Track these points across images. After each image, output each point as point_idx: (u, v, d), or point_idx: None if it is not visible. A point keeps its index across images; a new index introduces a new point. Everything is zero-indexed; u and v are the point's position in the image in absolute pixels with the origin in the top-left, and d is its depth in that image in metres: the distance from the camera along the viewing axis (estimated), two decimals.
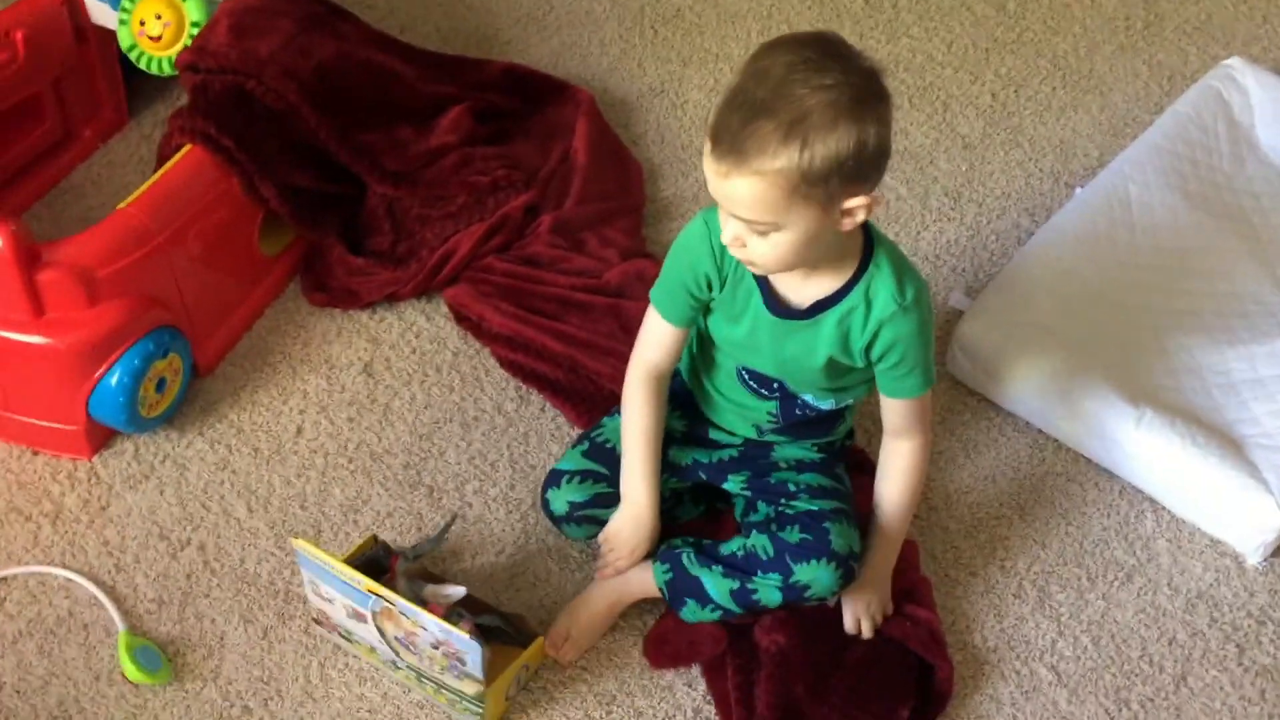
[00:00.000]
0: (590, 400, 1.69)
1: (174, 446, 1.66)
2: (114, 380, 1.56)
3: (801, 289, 1.35)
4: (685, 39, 2.31)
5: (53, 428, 1.60)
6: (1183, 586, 1.63)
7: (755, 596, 1.43)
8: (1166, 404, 1.71)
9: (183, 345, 1.64)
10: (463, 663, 1.33)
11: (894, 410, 1.41)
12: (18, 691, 1.44)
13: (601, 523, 1.52)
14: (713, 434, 1.54)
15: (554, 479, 1.51)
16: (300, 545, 1.36)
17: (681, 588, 1.46)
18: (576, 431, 1.70)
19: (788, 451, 1.52)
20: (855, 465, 1.60)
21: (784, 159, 1.17)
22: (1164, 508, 1.70)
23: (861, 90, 1.19)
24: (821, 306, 1.34)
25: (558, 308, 1.75)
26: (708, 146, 1.22)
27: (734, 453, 1.53)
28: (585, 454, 1.51)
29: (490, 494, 1.65)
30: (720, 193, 1.24)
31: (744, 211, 1.23)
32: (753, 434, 1.52)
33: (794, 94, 1.17)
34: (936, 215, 2.06)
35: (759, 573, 1.42)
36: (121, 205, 1.59)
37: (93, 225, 1.58)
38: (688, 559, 1.46)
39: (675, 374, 1.52)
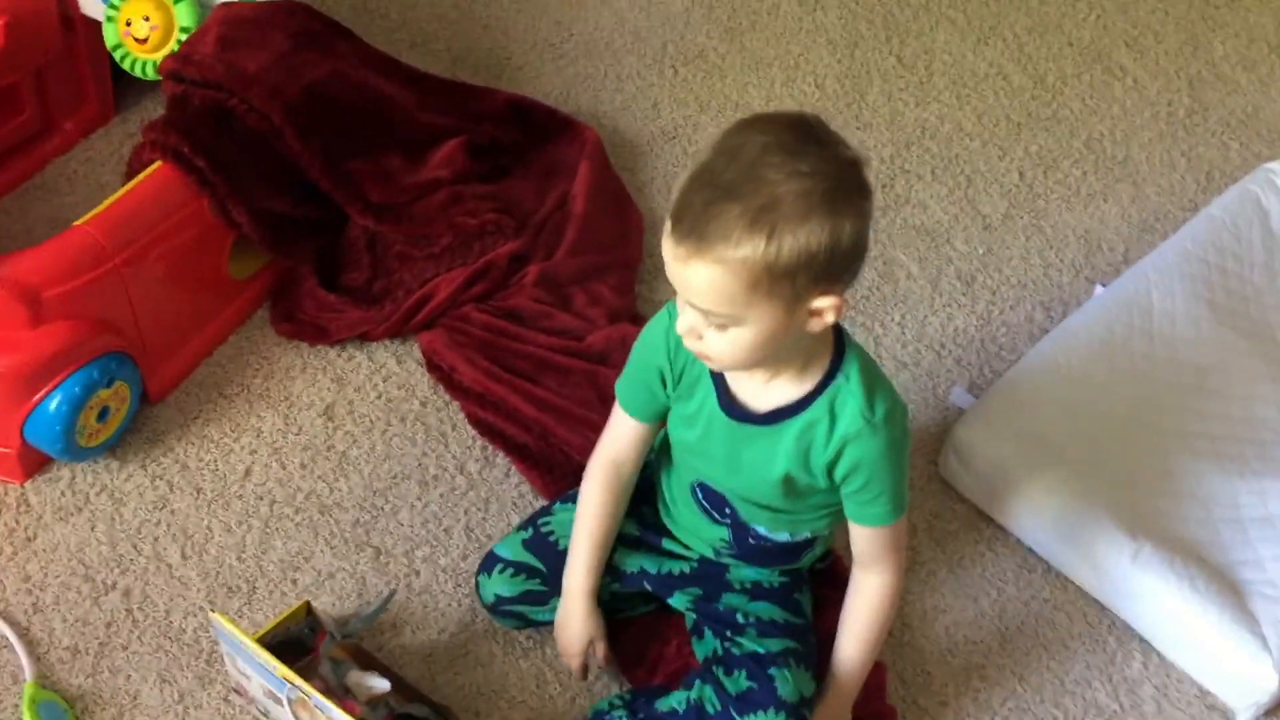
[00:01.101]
0: (559, 470, 1.60)
1: (113, 478, 1.57)
2: (52, 406, 1.46)
3: (761, 393, 1.24)
4: (705, 82, 2.21)
5: None
6: None
7: None
8: (1167, 534, 1.61)
9: (131, 373, 1.54)
10: None
11: (861, 537, 1.31)
12: None
13: (529, 620, 1.44)
14: (666, 544, 1.44)
15: (489, 563, 1.42)
16: (218, 620, 1.26)
17: None
18: (539, 502, 1.61)
19: (744, 574, 1.41)
20: (832, 581, 1.49)
21: (748, 248, 1.07)
22: (1155, 649, 1.59)
23: (840, 182, 1.09)
24: (782, 415, 1.24)
25: (534, 368, 1.65)
26: (668, 226, 1.11)
27: (685, 568, 1.43)
28: (525, 543, 1.42)
29: (440, 563, 1.55)
30: (678, 278, 1.13)
31: (701, 301, 1.13)
32: (709, 554, 1.42)
33: (765, 178, 1.07)
34: (947, 300, 1.96)
35: None
36: (79, 221, 1.49)
37: (46, 240, 1.48)
38: None
39: (645, 464, 1.42)
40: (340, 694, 1.30)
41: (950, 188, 2.12)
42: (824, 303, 1.13)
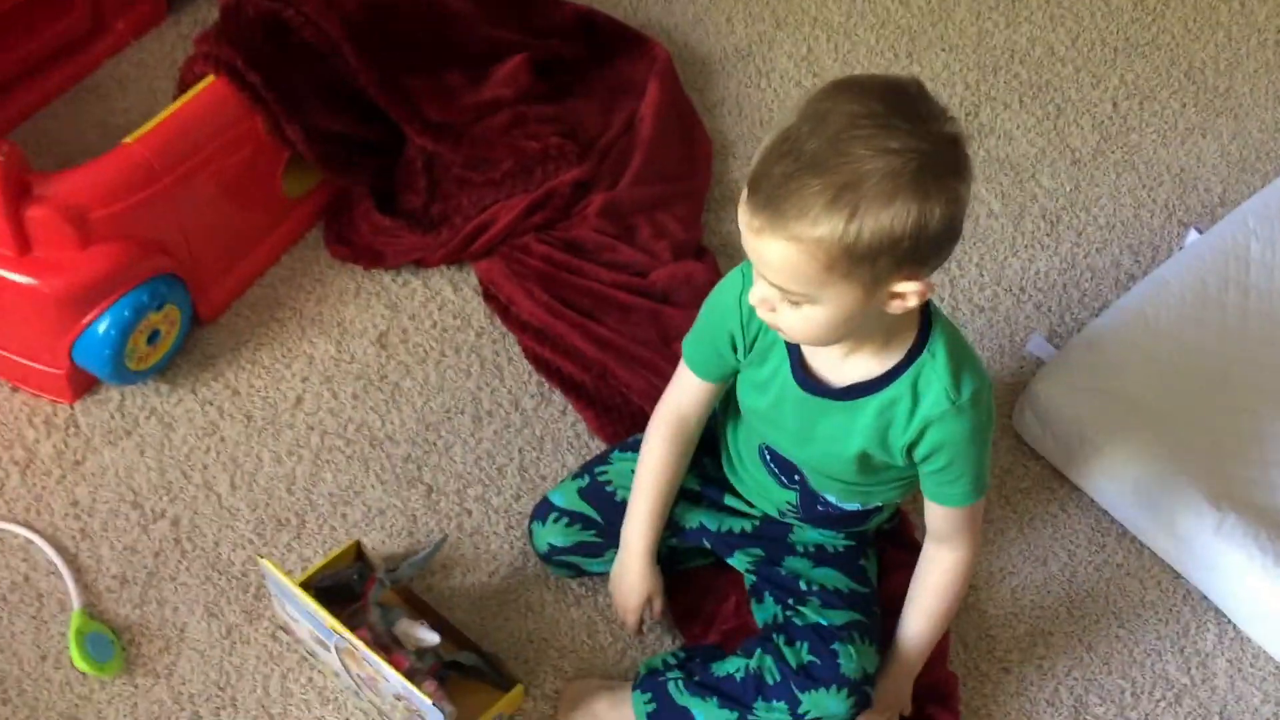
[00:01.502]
0: (617, 412, 1.54)
1: (162, 401, 1.53)
2: (101, 329, 1.42)
3: (839, 367, 1.17)
4: None
5: (35, 368, 1.48)
6: (1236, 718, 1.47)
7: None
8: (1252, 503, 1.53)
9: (182, 295, 1.50)
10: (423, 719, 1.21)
11: (937, 515, 1.24)
12: None
13: (582, 570, 1.40)
14: (729, 500, 1.38)
15: (542, 510, 1.38)
16: (267, 566, 1.23)
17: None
18: (596, 443, 1.55)
19: (809, 535, 1.36)
20: (898, 541, 1.44)
21: (826, 227, 0.99)
22: (1230, 622, 1.53)
23: (933, 161, 0.99)
24: (860, 391, 1.17)
25: (595, 304, 1.59)
26: (745, 192, 1.04)
27: (747, 526, 1.37)
28: (581, 492, 1.37)
29: (493, 503, 1.51)
30: (752, 250, 1.06)
31: (774, 277, 1.05)
32: (773, 513, 1.36)
33: (851, 153, 0.98)
34: (1029, 240, 1.86)
35: (762, 699, 1.27)
36: (128, 139, 1.43)
37: (94, 158, 1.42)
38: (675, 688, 1.30)
39: (711, 417, 1.36)
40: (388, 642, 1.28)
41: (1039, 118, 2.01)
42: (907, 287, 1.05)
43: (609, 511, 1.36)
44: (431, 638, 1.26)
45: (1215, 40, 2.14)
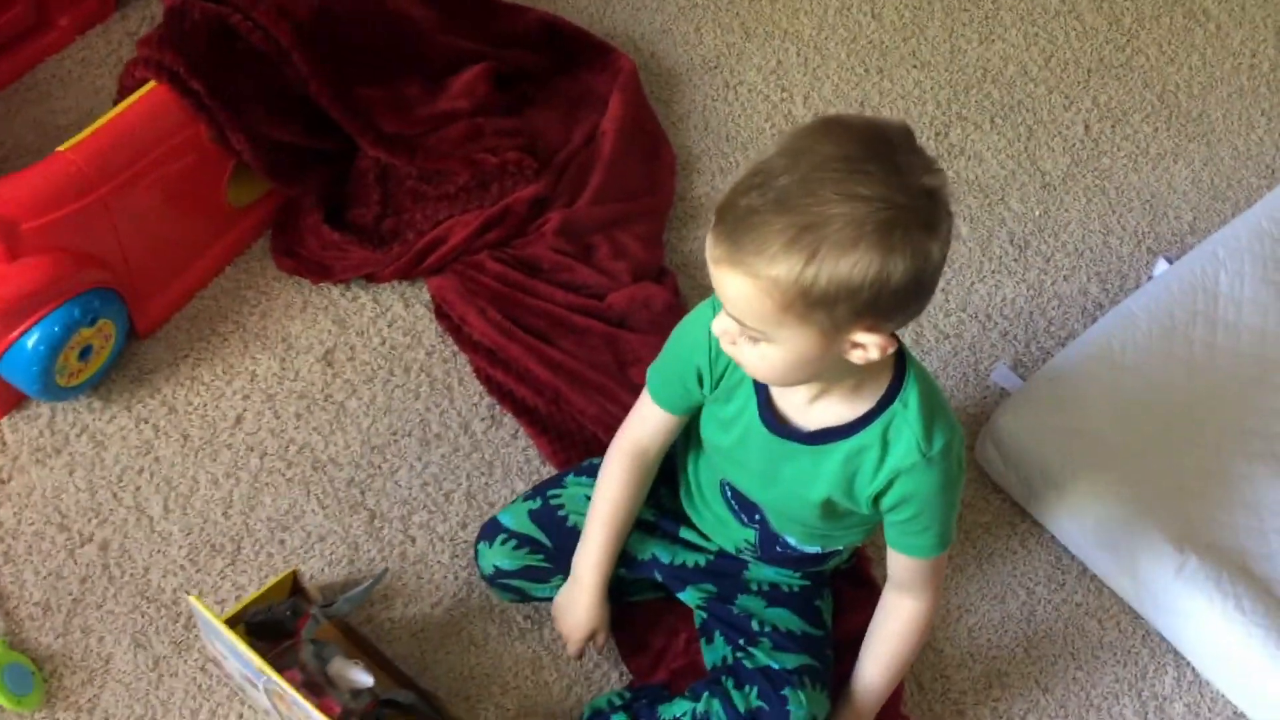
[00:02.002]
0: (570, 438, 1.49)
1: (95, 418, 1.48)
2: (29, 344, 1.36)
3: (806, 410, 1.13)
4: (753, 6, 2.04)
5: None
6: None
7: None
8: (1215, 544, 1.51)
9: (117, 309, 1.44)
10: None
11: (900, 564, 1.21)
12: None
13: (527, 595, 1.36)
14: (684, 533, 1.34)
15: (490, 531, 1.33)
16: (195, 605, 1.18)
17: None
18: (548, 469, 1.51)
19: (764, 573, 1.32)
20: (855, 580, 1.40)
21: (783, 267, 0.95)
22: (1189, 665, 1.50)
23: (904, 214, 0.95)
24: (828, 436, 1.13)
25: (549, 326, 1.54)
26: (713, 220, 1.00)
27: (701, 560, 1.33)
28: (532, 514, 1.32)
29: (438, 530, 1.46)
30: (713, 279, 1.02)
31: (731, 309, 1.02)
32: (730, 549, 1.32)
33: (818, 194, 0.94)
34: (997, 265, 1.82)
35: None
36: (63, 147, 1.37)
37: (26, 168, 1.36)
38: None
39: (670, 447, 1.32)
40: (321, 682, 1.23)
41: (1010, 139, 1.97)
42: (867, 339, 1.01)
43: (559, 536, 1.31)
44: (365, 680, 1.21)
45: (1190, 64, 2.11)
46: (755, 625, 1.28)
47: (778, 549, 1.27)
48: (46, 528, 1.39)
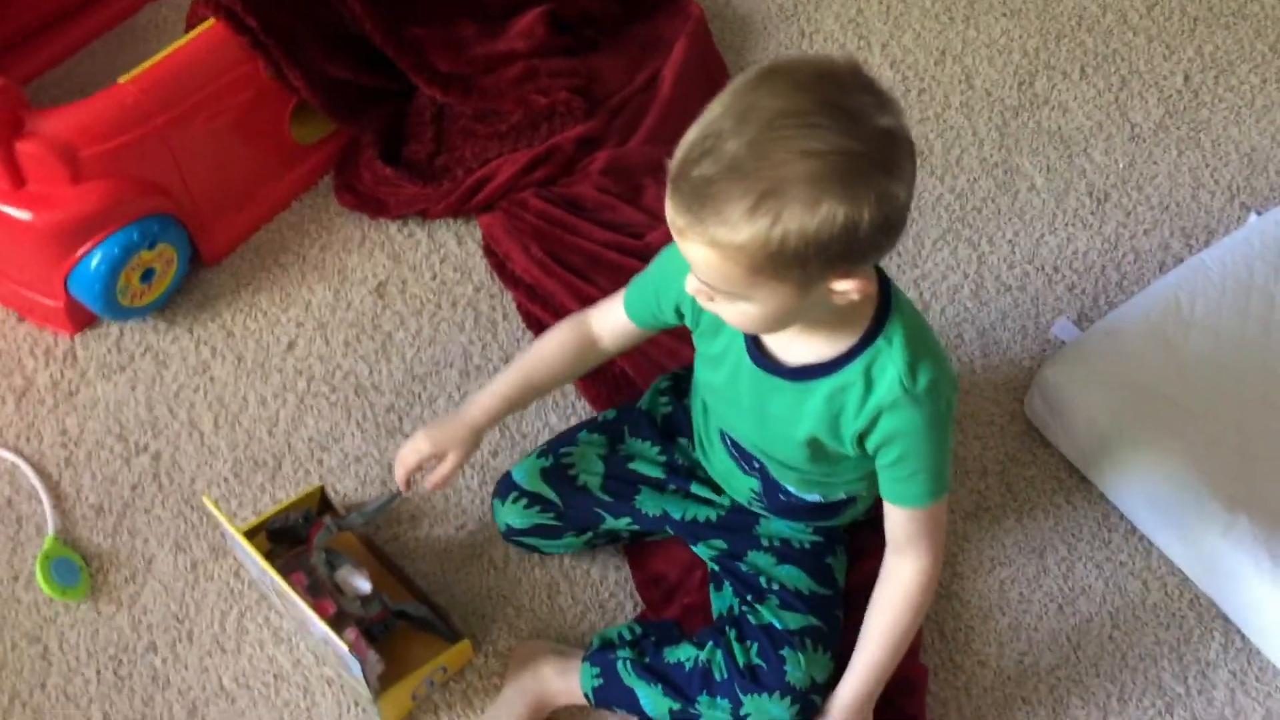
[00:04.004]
0: (602, 375, 1.51)
1: (159, 339, 1.56)
2: (92, 264, 1.45)
3: (790, 345, 1.12)
4: None
5: (36, 299, 1.52)
6: None
7: None
8: (1269, 508, 1.42)
9: (178, 235, 1.52)
10: (348, 668, 1.21)
11: (893, 518, 1.17)
12: None
13: (541, 551, 1.38)
14: (695, 488, 1.33)
15: (504, 488, 1.36)
16: (209, 505, 1.24)
17: (612, 697, 1.28)
18: (582, 403, 1.53)
19: (775, 527, 1.31)
20: (877, 525, 1.37)
21: (747, 233, 0.93)
22: (1239, 632, 1.43)
23: (862, 160, 0.92)
24: (811, 373, 1.11)
25: (587, 264, 1.56)
26: (669, 186, 0.97)
27: (713, 515, 1.33)
28: (544, 472, 1.34)
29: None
30: (679, 247, 1.00)
31: (702, 276, 1.01)
32: (742, 500, 1.31)
33: (771, 156, 0.91)
34: (1071, 217, 1.76)
35: (706, 694, 1.23)
36: (123, 79, 1.45)
37: (88, 97, 1.45)
38: (624, 668, 1.27)
39: (681, 400, 1.32)
40: (330, 588, 1.28)
41: (1100, 89, 1.90)
42: (843, 285, 0.99)
43: (569, 495, 1.33)
44: (364, 586, 1.26)
45: None
46: (763, 582, 1.27)
47: (781, 497, 1.26)
48: (106, 437, 1.49)
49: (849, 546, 1.36)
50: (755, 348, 1.14)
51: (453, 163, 1.63)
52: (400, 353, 1.57)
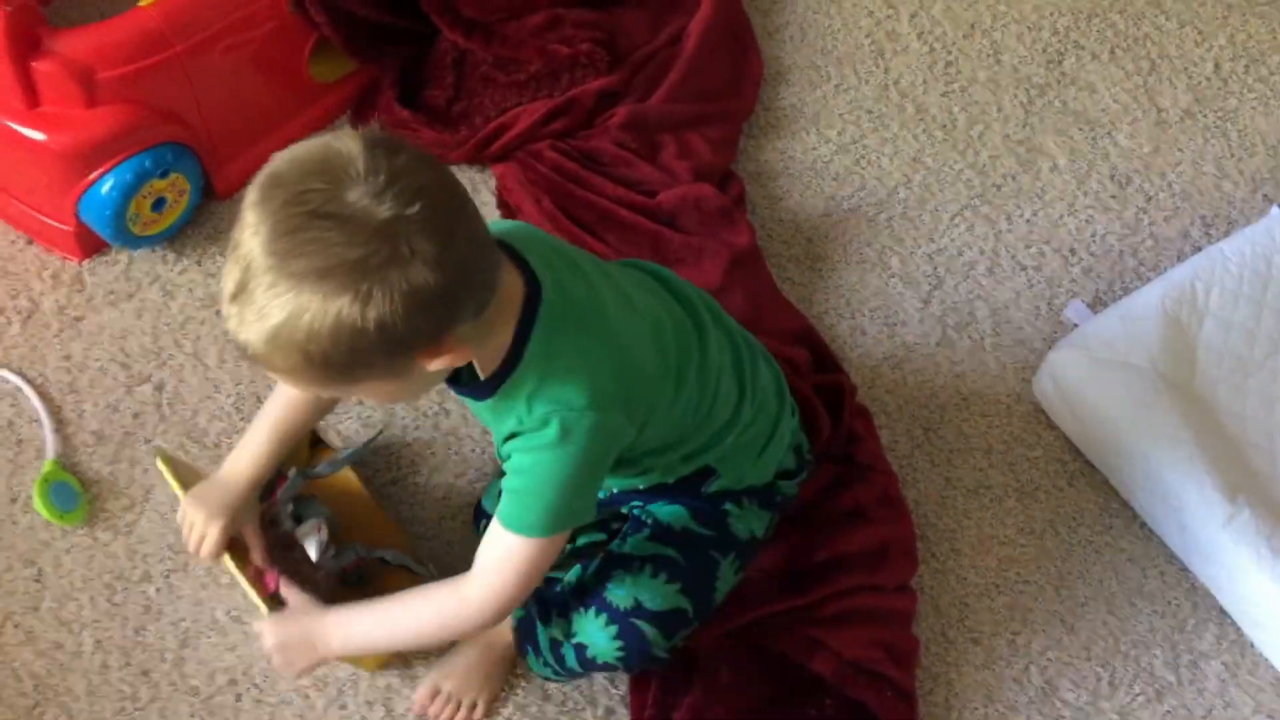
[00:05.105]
0: None
1: (167, 269, 1.55)
2: (104, 189, 1.44)
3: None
4: None
5: (46, 222, 1.51)
6: None
7: (564, 654, 1.23)
8: (1272, 500, 1.42)
9: (192, 166, 1.51)
10: None
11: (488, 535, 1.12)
12: None
13: None
14: None
15: (475, 518, 1.37)
16: (161, 465, 1.24)
17: (524, 634, 1.27)
18: None
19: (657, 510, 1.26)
20: (885, 499, 1.37)
21: (284, 363, 0.93)
22: (1234, 625, 1.43)
23: (362, 265, 0.88)
24: (474, 392, 1.09)
25: (597, 219, 1.54)
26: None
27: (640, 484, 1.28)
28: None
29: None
30: None
31: (293, 387, 1.03)
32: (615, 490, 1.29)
33: (278, 286, 0.89)
34: (1091, 200, 1.74)
35: (555, 617, 1.22)
36: (143, 3, 1.43)
37: (107, 19, 1.43)
38: (535, 603, 1.25)
39: None
40: (292, 542, 1.27)
41: (1128, 72, 1.87)
42: (429, 361, 0.96)
43: None
44: (312, 551, 1.25)
45: None
46: (643, 517, 1.25)
47: (614, 490, 1.26)
48: (110, 365, 1.48)
49: (819, 513, 1.35)
50: (451, 381, 1.10)
51: (471, 110, 1.61)
52: None
